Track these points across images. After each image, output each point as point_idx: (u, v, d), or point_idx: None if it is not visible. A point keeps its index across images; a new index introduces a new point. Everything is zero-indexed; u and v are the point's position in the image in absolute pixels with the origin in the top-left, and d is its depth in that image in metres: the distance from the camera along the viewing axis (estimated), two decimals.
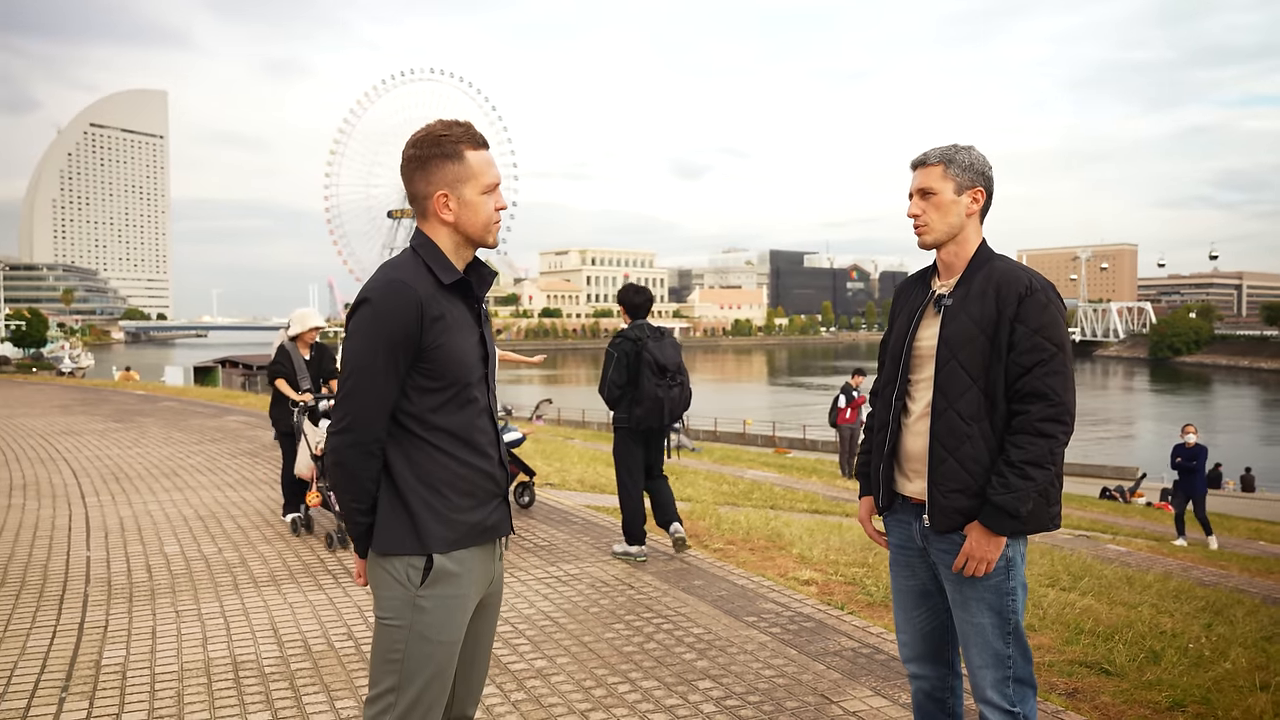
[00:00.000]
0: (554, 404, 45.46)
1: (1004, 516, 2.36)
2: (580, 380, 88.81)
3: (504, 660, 4.13)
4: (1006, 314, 2.38)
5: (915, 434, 2.52)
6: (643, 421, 5.96)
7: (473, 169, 2.11)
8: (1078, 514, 15.38)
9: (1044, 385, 2.35)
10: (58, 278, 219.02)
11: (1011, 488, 2.34)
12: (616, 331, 6.20)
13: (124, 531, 6.73)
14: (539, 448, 13.98)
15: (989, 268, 2.46)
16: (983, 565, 2.41)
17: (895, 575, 2.66)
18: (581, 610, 4.87)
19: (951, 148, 2.51)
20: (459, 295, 2.13)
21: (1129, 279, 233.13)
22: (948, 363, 2.43)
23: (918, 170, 2.53)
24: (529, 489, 7.60)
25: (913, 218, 2.52)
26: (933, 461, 2.45)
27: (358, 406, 2.03)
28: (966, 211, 2.49)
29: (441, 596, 2.08)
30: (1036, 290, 2.39)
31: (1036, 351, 2.36)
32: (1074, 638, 4.50)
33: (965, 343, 2.41)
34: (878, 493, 2.63)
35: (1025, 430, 2.36)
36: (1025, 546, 2.52)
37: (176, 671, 4.00)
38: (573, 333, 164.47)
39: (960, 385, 2.41)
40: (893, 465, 2.59)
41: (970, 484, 2.41)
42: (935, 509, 2.46)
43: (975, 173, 2.49)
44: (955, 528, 2.45)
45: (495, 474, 2.18)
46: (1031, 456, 2.34)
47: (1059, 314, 2.41)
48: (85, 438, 12.48)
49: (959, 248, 2.52)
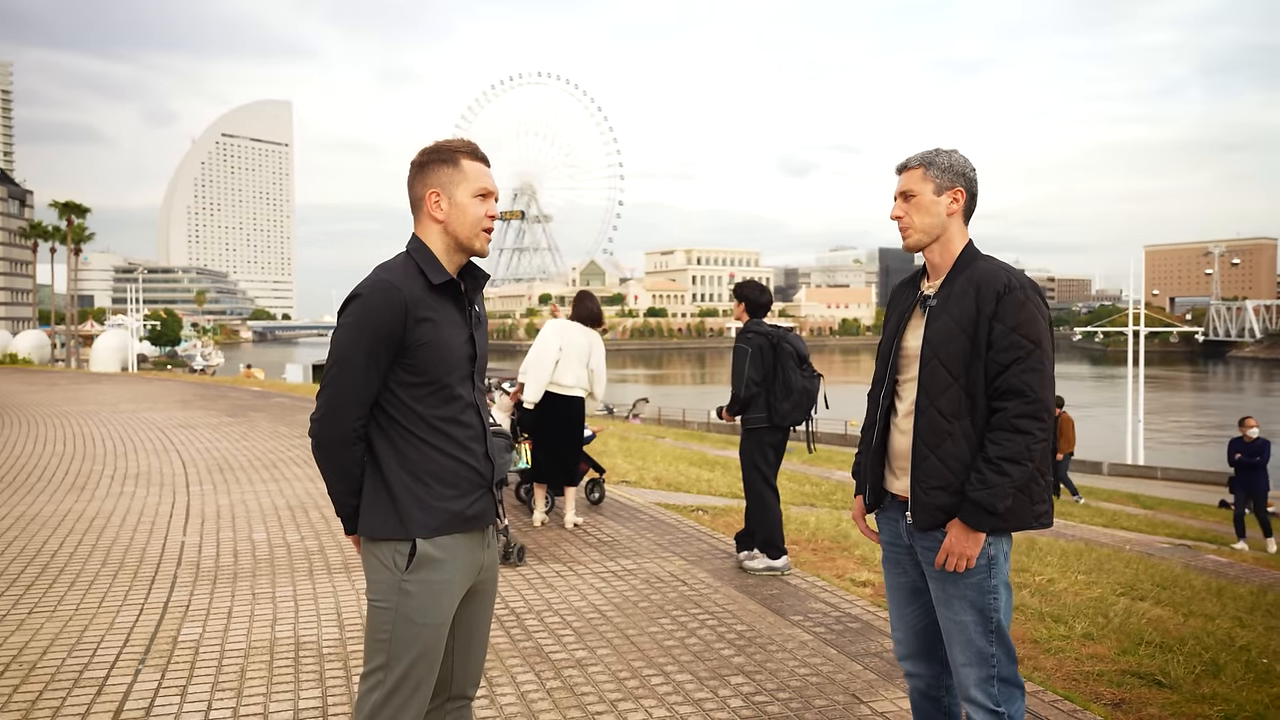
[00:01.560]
0: (652, 403, 45.76)
1: (982, 513, 2.39)
2: (685, 379, 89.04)
3: (546, 649, 4.26)
4: (985, 312, 2.42)
5: (901, 432, 2.57)
6: (789, 417, 5.63)
7: (466, 173, 2.25)
8: (1186, 522, 14.66)
9: (1020, 382, 2.38)
10: (192, 280, 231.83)
11: (988, 484, 2.37)
12: (745, 325, 5.81)
13: (219, 519, 7.17)
14: (626, 445, 14.15)
15: (972, 268, 2.50)
16: (962, 562, 2.43)
17: (887, 572, 2.69)
18: (631, 605, 4.97)
19: (933, 151, 2.57)
20: (449, 296, 2.26)
21: (1267, 275, 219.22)
22: (929, 361, 2.47)
23: (900, 174, 2.60)
24: (599, 486, 7.74)
25: (896, 219, 2.58)
26: (915, 459, 2.49)
27: (335, 395, 2.18)
28: (947, 211, 2.54)
29: (425, 581, 2.21)
30: (1015, 288, 2.42)
31: (1014, 349, 2.39)
32: (1132, 648, 4.36)
33: (946, 341, 2.45)
34: (866, 490, 2.67)
35: (1002, 427, 2.39)
36: (1009, 545, 2.54)
37: (244, 649, 4.28)
38: (677, 332, 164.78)
39: (941, 383, 2.45)
40: (882, 463, 2.63)
41: (951, 481, 2.44)
42: (917, 506, 2.50)
43: (955, 174, 2.54)
44: (937, 525, 2.48)
45: (478, 466, 2.29)
46: (1008, 453, 2.36)
47: (1037, 311, 2.43)
48: (199, 431, 13.25)
49: (944, 248, 2.56)
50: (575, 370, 6.70)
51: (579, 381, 6.74)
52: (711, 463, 13.52)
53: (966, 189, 2.55)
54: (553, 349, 6.64)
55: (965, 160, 2.56)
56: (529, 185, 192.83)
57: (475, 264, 2.38)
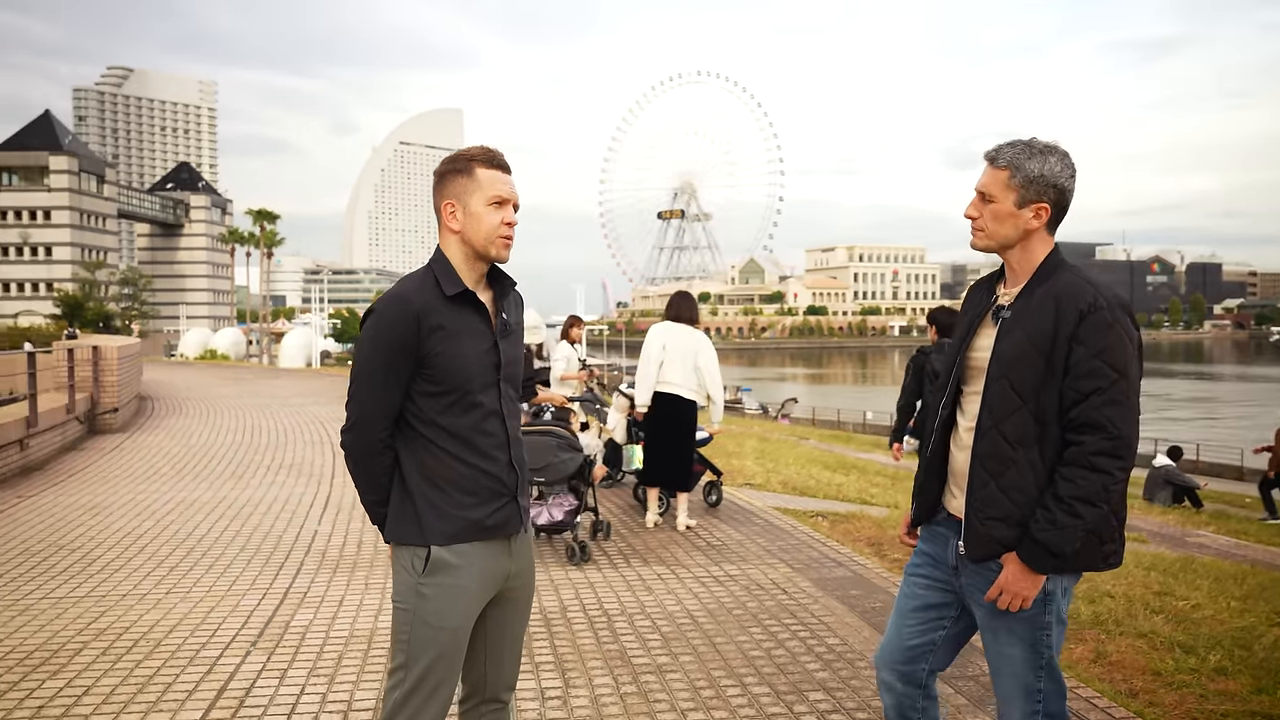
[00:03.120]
0: (809, 403, 45.00)
1: (1046, 555, 2.18)
2: (844, 379, 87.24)
3: (629, 653, 4.26)
4: (1064, 331, 2.18)
5: (961, 449, 2.38)
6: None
7: (480, 182, 2.26)
8: None
9: (1101, 415, 2.13)
10: (371, 280, 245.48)
11: (1058, 524, 2.15)
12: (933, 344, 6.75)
13: (352, 509, 7.55)
14: (762, 447, 14.00)
15: (1054, 279, 2.25)
16: (1017, 601, 2.23)
17: (909, 581, 2.51)
18: (725, 611, 4.89)
19: (1026, 149, 2.28)
20: (468, 306, 2.28)
21: None
22: (997, 380, 2.25)
23: (986, 168, 2.34)
24: (716, 488, 7.68)
25: (969, 219, 2.36)
26: (973, 484, 2.29)
27: (360, 408, 2.25)
28: (1026, 227, 2.29)
29: (441, 585, 2.25)
30: (1101, 308, 2.16)
31: (1095, 377, 2.14)
32: (1271, 686, 3.94)
33: (1017, 360, 2.22)
34: (920, 502, 2.50)
35: (1078, 463, 2.15)
36: (1072, 581, 2.30)
37: (345, 637, 4.49)
38: (838, 331, 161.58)
39: (1008, 405, 2.23)
40: (940, 478, 2.45)
41: (1012, 513, 2.23)
42: (971, 535, 2.30)
43: (1044, 185, 2.25)
44: (991, 556, 2.28)
45: (501, 475, 2.31)
46: (1083, 492, 2.14)
47: (1125, 335, 2.17)
48: None
49: (1024, 254, 2.32)
50: (682, 370, 6.69)
51: (686, 381, 6.71)
52: (848, 466, 13.17)
53: (1055, 202, 2.26)
54: (656, 350, 6.68)
55: (1061, 166, 2.25)
56: (689, 184, 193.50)
57: (502, 271, 2.39)
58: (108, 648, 4.33)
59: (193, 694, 3.79)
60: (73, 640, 4.43)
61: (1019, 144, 2.29)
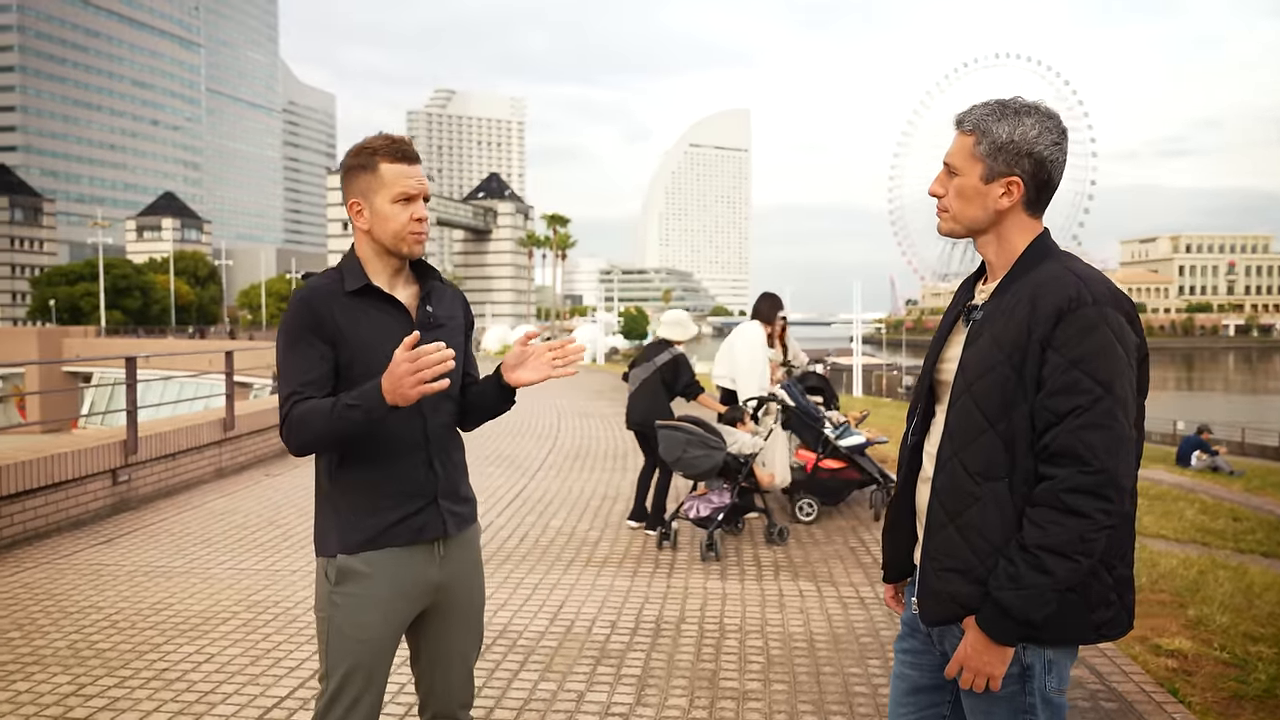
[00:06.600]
0: None
1: (1007, 620, 1.70)
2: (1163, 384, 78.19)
3: (721, 674, 3.98)
4: (1037, 334, 1.70)
5: (924, 481, 1.93)
6: None
7: (384, 179, 2.14)
8: None
9: (1077, 441, 1.65)
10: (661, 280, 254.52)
11: (1020, 581, 1.68)
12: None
13: (539, 503, 7.75)
14: None
15: (1036, 271, 1.78)
16: (980, 680, 1.76)
17: (897, 659, 2.05)
18: (849, 639, 4.46)
19: (998, 108, 1.81)
20: (377, 301, 2.17)
21: None
22: (960, 397, 1.80)
23: (955, 134, 1.88)
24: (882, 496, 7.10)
25: (934, 197, 1.91)
26: (930, 526, 1.84)
27: (285, 388, 2.11)
28: (996, 207, 1.82)
29: (351, 595, 2.16)
30: (1085, 304, 1.68)
31: (1072, 392, 1.67)
32: None
33: (985, 371, 1.76)
34: (888, 552, 2.06)
35: (1048, 503, 1.68)
36: (1064, 654, 1.80)
37: None
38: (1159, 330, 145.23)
39: (972, 429, 1.76)
40: (912, 520, 2.00)
41: (972, 565, 1.76)
42: (925, 591, 1.84)
43: (1015, 154, 1.78)
44: (949, 619, 1.82)
45: (417, 477, 2.18)
46: (1053, 541, 1.66)
47: (1115, 339, 1.68)
48: (590, 420, 14.42)
49: (999, 241, 1.86)
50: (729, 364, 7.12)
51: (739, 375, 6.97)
52: None
53: (1032, 175, 1.79)
54: (724, 349, 7.25)
55: (1040, 130, 1.78)
56: None
57: (429, 267, 2.28)
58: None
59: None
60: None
61: (991, 103, 1.82)
